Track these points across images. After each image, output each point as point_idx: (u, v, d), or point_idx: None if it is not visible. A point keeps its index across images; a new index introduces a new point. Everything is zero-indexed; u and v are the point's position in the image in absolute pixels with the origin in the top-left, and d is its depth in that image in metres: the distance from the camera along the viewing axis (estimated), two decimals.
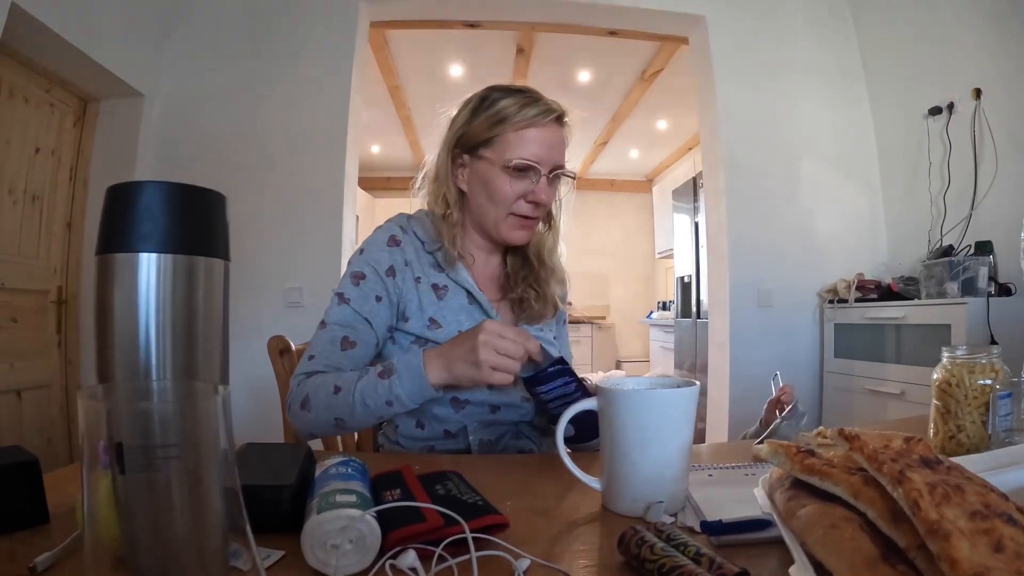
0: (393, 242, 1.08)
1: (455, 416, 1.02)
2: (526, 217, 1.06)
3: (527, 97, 1.05)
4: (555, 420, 0.89)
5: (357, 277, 1.05)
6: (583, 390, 0.92)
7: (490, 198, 1.05)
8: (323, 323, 1.03)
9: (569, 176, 1.11)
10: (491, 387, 1.02)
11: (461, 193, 1.10)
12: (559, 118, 1.07)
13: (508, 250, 1.17)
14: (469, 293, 1.08)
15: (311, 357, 1.01)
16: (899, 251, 3.26)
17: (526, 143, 1.02)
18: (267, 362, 1.18)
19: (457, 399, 1.02)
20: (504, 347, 0.86)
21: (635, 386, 0.73)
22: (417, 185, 1.16)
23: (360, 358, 1.02)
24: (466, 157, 1.07)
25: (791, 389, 1.16)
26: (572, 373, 0.92)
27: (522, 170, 1.02)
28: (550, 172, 1.04)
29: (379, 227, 1.12)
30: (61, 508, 0.58)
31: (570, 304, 1.30)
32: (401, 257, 1.07)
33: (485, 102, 1.06)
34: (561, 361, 0.92)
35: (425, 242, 1.10)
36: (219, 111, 3.04)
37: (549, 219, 1.17)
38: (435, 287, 1.07)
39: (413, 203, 1.17)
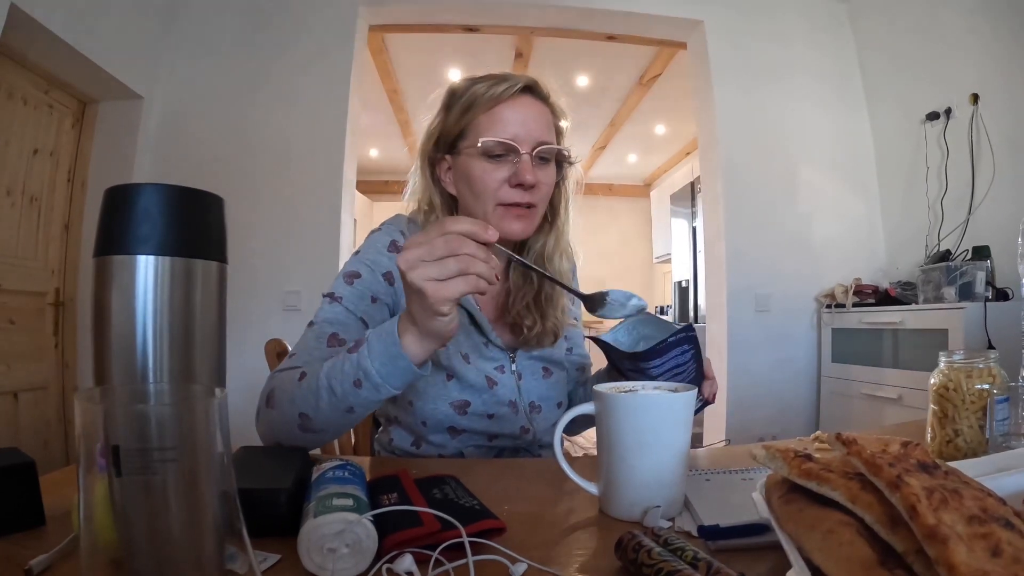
0: (394, 247, 0.98)
1: (452, 442, 0.99)
2: (517, 205, 0.94)
3: (494, 77, 0.97)
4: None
5: (351, 276, 0.95)
6: (698, 359, 0.84)
7: (474, 192, 0.95)
8: (311, 324, 0.93)
9: (565, 157, 1.00)
10: (507, 336, 0.97)
11: (452, 198, 1.02)
12: (528, 88, 0.97)
13: (510, 264, 1.07)
14: (468, 312, 0.99)
15: (292, 355, 0.90)
16: (897, 256, 3.27)
17: (497, 122, 0.93)
18: (264, 365, 1.18)
19: (455, 428, 0.97)
20: (428, 252, 0.65)
21: (632, 390, 0.73)
22: (408, 191, 1.08)
23: None
24: (448, 157, 0.99)
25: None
26: (694, 340, 0.80)
27: (497, 153, 0.92)
28: (532, 150, 0.93)
29: (376, 230, 1.03)
30: (57, 510, 0.58)
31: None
32: None
33: (455, 95, 0.98)
34: (689, 328, 0.80)
35: None
36: (218, 114, 3.04)
37: (553, 217, 1.06)
38: None
39: (409, 207, 1.09)
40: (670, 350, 0.80)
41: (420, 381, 0.84)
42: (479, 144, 0.92)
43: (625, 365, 0.85)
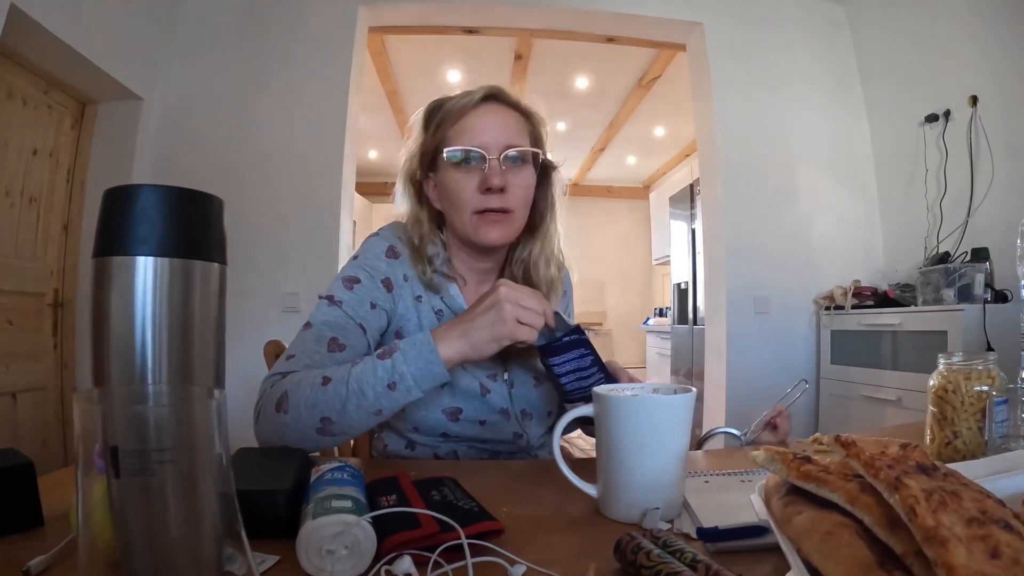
0: (392, 253, 1.00)
1: (445, 445, 1.00)
2: (490, 211, 0.96)
3: (464, 91, 0.99)
4: (569, 397, 0.89)
5: (351, 281, 0.96)
6: (600, 365, 0.88)
7: (452, 204, 0.98)
8: (307, 324, 0.93)
9: (538, 158, 1.02)
10: (504, 357, 0.98)
11: (437, 215, 1.04)
12: (492, 97, 0.99)
13: (503, 270, 1.10)
14: None
15: (290, 357, 0.89)
16: (895, 258, 3.27)
17: (463, 133, 0.96)
18: (263, 367, 1.17)
19: (447, 434, 0.98)
20: (526, 301, 0.83)
21: (632, 392, 0.73)
22: (395, 198, 1.09)
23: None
24: (431, 174, 1.02)
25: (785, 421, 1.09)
26: (588, 344, 0.88)
27: (464, 160, 0.95)
28: (500, 155, 0.95)
29: (373, 235, 1.03)
30: (55, 511, 0.58)
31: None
32: (400, 271, 0.99)
33: (431, 114, 1.02)
34: (578, 330, 0.88)
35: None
36: (217, 115, 3.04)
37: (539, 223, 1.07)
38: (436, 311, 1.01)
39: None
40: (567, 350, 0.87)
41: None
42: (444, 155, 0.96)
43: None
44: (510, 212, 0.97)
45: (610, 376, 0.90)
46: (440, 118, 0.99)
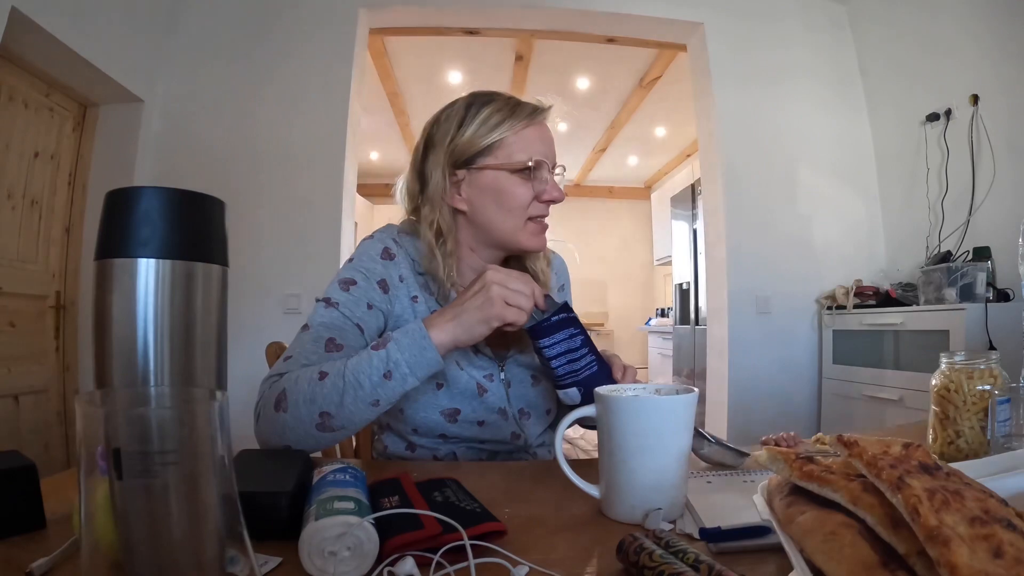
0: (387, 255, 1.00)
1: (444, 446, 1.00)
2: (542, 219, 1.01)
3: (512, 99, 1.01)
4: (560, 382, 0.88)
5: (347, 283, 0.96)
6: (590, 346, 0.88)
7: (503, 207, 0.98)
8: (305, 326, 0.94)
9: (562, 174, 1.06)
10: (495, 343, 0.99)
11: (455, 214, 1.02)
12: (545, 113, 1.04)
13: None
14: None
15: (287, 359, 0.90)
16: (897, 257, 3.26)
17: (530, 142, 0.98)
18: (265, 368, 1.17)
19: (445, 435, 0.98)
20: (514, 284, 0.84)
21: (634, 393, 0.73)
22: (397, 200, 1.09)
23: None
24: (461, 172, 0.99)
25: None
26: (578, 323, 0.87)
27: (532, 170, 0.97)
28: (553, 168, 1.01)
29: (368, 238, 1.04)
30: (58, 513, 0.58)
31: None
32: (396, 272, 1.00)
33: (471, 110, 0.99)
34: (566, 308, 0.86)
35: (416, 261, 1.02)
36: (219, 117, 3.05)
37: None
38: (432, 311, 0.99)
39: (402, 218, 1.09)
40: (557, 330, 0.86)
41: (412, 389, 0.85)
42: (521, 162, 0.97)
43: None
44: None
45: (601, 358, 0.89)
46: (492, 119, 0.98)
